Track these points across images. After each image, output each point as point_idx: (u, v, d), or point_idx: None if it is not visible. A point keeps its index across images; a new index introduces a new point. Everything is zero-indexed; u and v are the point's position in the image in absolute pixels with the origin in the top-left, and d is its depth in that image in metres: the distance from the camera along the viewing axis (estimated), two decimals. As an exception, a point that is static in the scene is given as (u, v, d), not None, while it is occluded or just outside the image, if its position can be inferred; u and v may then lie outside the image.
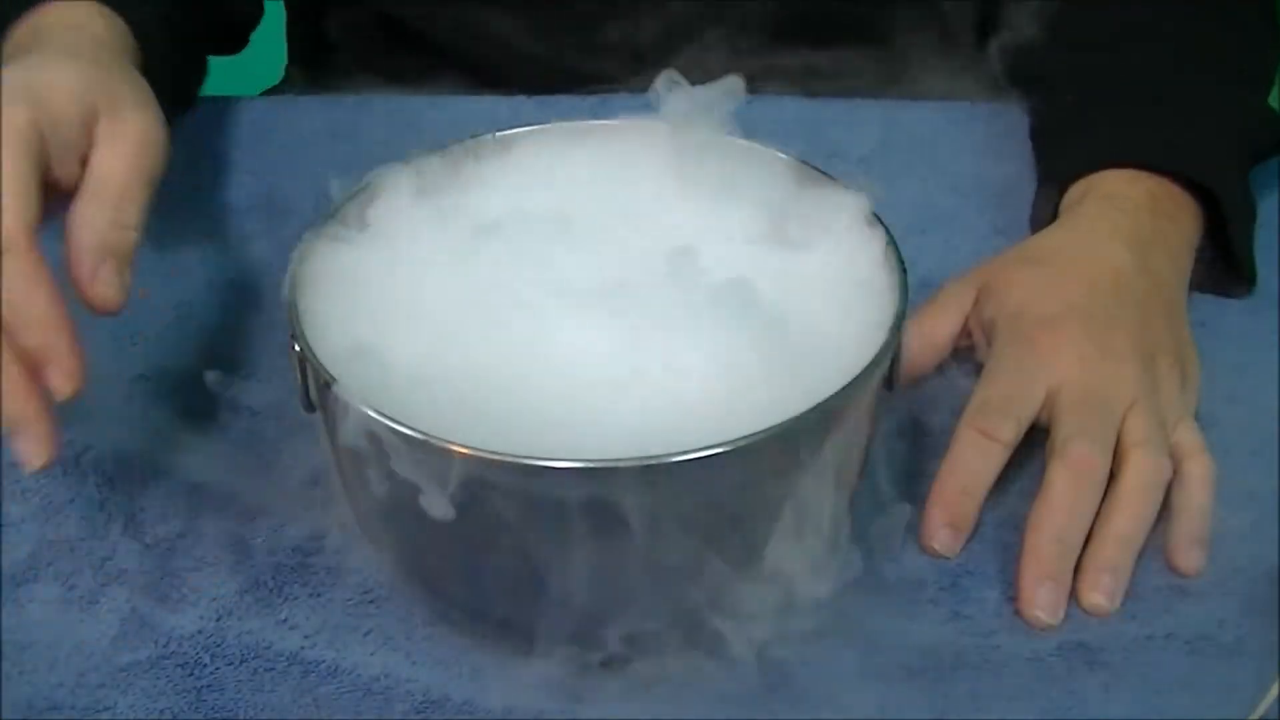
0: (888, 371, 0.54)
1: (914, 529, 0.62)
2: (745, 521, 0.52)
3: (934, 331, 0.68)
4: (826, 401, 0.51)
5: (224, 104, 0.85)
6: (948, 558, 0.62)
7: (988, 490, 0.62)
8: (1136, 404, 0.63)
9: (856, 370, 0.52)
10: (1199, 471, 0.63)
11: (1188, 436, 0.64)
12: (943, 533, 0.61)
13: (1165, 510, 0.62)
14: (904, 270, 0.56)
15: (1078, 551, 0.60)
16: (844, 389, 0.51)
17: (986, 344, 0.67)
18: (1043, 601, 0.59)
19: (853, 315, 0.55)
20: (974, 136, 0.83)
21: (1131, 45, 0.78)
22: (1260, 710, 0.56)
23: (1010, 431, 0.62)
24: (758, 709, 0.56)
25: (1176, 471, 0.63)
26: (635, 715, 0.56)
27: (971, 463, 0.62)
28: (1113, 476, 0.61)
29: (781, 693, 0.57)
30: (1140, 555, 0.61)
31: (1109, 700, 0.56)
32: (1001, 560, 0.61)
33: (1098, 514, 0.61)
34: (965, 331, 0.68)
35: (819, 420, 0.51)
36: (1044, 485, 0.61)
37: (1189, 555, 0.61)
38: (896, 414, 0.66)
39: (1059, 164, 0.75)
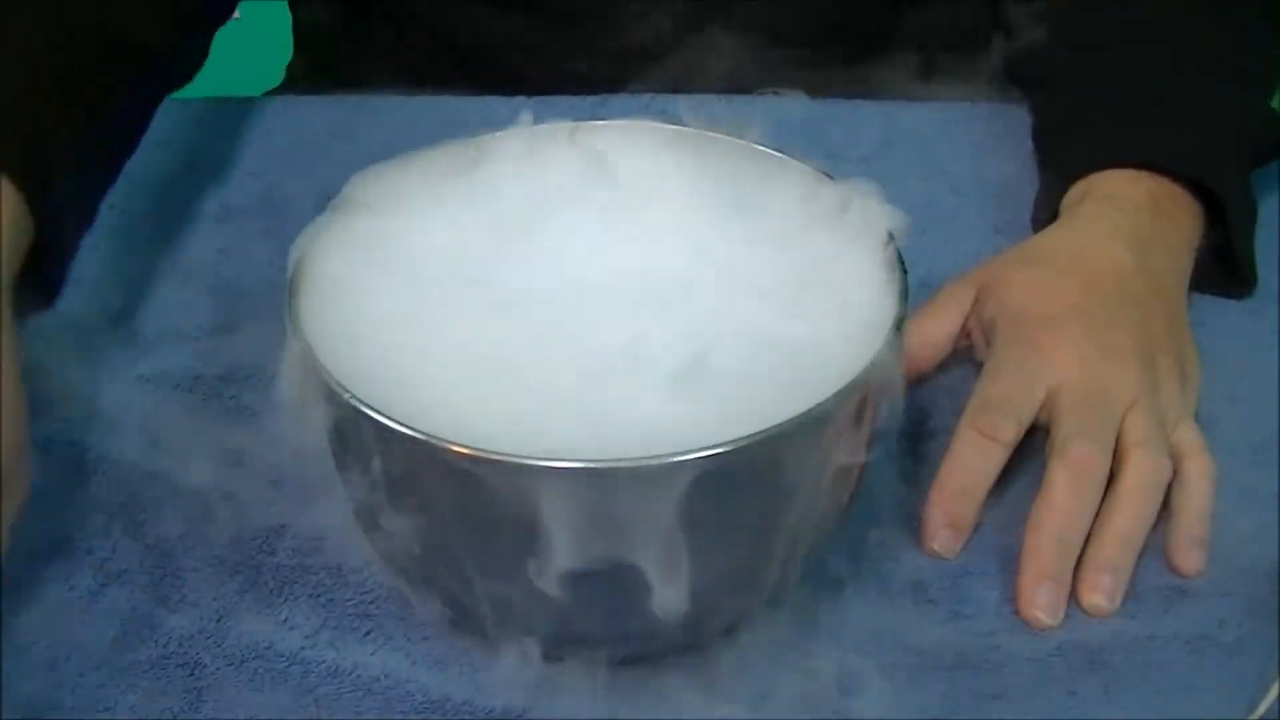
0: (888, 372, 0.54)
1: (914, 529, 0.62)
2: (745, 522, 0.52)
3: (933, 331, 0.68)
4: (826, 402, 0.51)
5: (224, 104, 0.85)
6: (948, 559, 0.62)
7: (988, 490, 0.62)
8: (1136, 404, 0.63)
9: (856, 371, 0.52)
10: (1199, 471, 0.63)
11: (1188, 436, 0.64)
12: (943, 533, 0.61)
13: (1165, 510, 0.62)
14: (904, 270, 0.56)
15: (1078, 551, 0.60)
16: (844, 390, 0.51)
17: (986, 344, 0.67)
18: (1042, 602, 0.59)
19: (853, 315, 0.55)
20: (974, 136, 0.83)
21: (1132, 45, 0.78)
22: (1260, 710, 0.56)
23: (1010, 432, 0.62)
24: (758, 709, 0.56)
25: (1176, 471, 0.63)
26: (635, 715, 0.56)
27: (971, 463, 0.62)
28: (1113, 476, 0.61)
29: (782, 692, 0.57)
30: (1140, 555, 0.61)
31: (1109, 700, 0.56)
32: (1001, 560, 0.61)
33: (1098, 514, 0.61)
34: (964, 332, 0.68)
35: (819, 421, 0.50)
36: (1044, 485, 0.61)
37: (1189, 555, 0.61)
38: (896, 414, 0.66)
39: (1059, 164, 0.75)
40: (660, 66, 0.85)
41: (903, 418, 0.66)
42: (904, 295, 0.55)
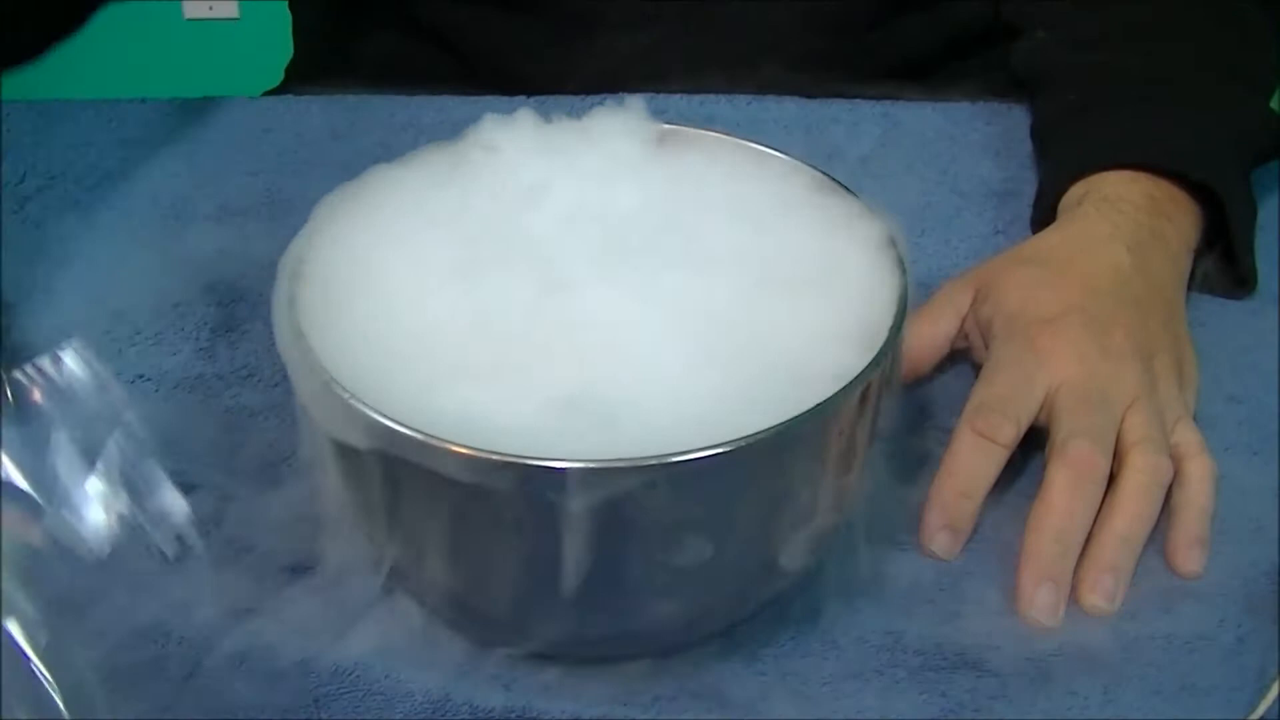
0: (887, 372, 0.54)
1: (914, 529, 0.62)
2: (745, 522, 0.52)
3: (931, 332, 0.68)
4: (826, 402, 0.51)
5: (224, 104, 0.85)
6: (946, 560, 0.62)
7: (987, 492, 0.62)
8: (1136, 403, 0.63)
9: (856, 371, 0.52)
10: (1199, 472, 0.63)
11: (1187, 436, 0.64)
12: (941, 535, 0.61)
13: (1165, 510, 0.62)
14: (904, 270, 0.56)
15: (1078, 552, 0.60)
16: (843, 390, 0.51)
17: (983, 344, 0.67)
18: (1042, 602, 0.59)
19: (853, 315, 0.55)
20: (974, 136, 0.83)
21: (1132, 45, 0.78)
22: (1260, 710, 0.56)
23: (1009, 433, 0.62)
24: (758, 709, 0.56)
25: (1177, 471, 0.63)
26: (635, 715, 0.56)
27: (970, 464, 0.62)
28: (1113, 476, 0.61)
29: (781, 692, 0.57)
30: (1140, 555, 0.61)
31: (1109, 701, 0.56)
32: (1001, 560, 0.61)
33: (1098, 514, 0.61)
34: (962, 333, 0.68)
35: (819, 421, 0.51)
36: (1044, 485, 0.61)
37: (1189, 555, 0.61)
38: (895, 414, 0.66)
39: (1059, 164, 0.75)
40: (660, 66, 0.85)
41: (901, 418, 0.66)
42: (904, 296, 0.55)
